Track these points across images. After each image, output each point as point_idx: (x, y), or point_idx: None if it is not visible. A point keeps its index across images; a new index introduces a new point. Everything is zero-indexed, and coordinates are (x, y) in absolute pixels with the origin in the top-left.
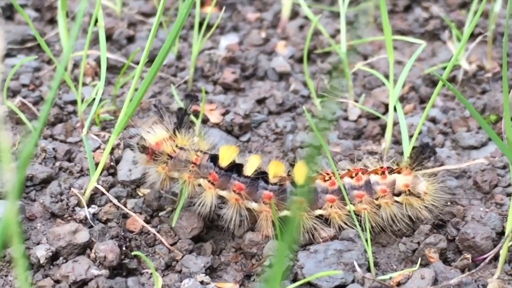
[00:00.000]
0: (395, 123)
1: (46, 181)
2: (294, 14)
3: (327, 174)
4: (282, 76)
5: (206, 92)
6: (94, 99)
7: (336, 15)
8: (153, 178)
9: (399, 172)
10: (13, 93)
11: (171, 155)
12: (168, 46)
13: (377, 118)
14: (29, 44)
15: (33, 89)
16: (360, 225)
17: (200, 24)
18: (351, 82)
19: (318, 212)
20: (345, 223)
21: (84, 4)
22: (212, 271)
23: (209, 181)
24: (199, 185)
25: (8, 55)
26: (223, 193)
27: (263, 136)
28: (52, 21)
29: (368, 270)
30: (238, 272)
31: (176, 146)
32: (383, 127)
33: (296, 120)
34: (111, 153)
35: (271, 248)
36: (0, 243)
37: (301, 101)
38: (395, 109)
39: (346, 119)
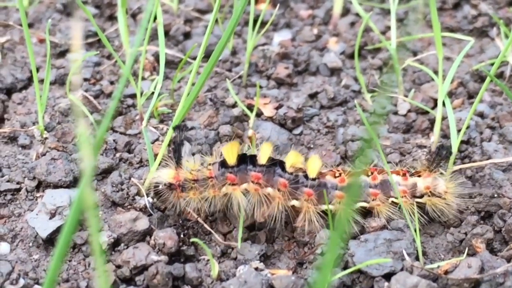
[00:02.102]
0: (444, 118)
1: (107, 171)
2: (346, 11)
3: (370, 170)
4: (334, 72)
5: (260, 87)
6: (152, 93)
7: (386, 12)
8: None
9: (419, 176)
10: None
11: (194, 178)
12: (224, 42)
13: (426, 112)
14: (90, 40)
15: (94, 83)
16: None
17: (254, 21)
18: (401, 77)
19: (361, 204)
20: (390, 216)
21: (150, 6)
22: (266, 258)
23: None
24: (226, 194)
25: (70, 50)
26: (268, 191)
27: (315, 129)
28: (111, 18)
29: (417, 259)
30: (291, 259)
31: (193, 170)
32: (432, 122)
33: (347, 114)
34: (169, 144)
35: (323, 236)
36: (71, 228)
37: (352, 95)
38: (443, 104)
39: (396, 113)
